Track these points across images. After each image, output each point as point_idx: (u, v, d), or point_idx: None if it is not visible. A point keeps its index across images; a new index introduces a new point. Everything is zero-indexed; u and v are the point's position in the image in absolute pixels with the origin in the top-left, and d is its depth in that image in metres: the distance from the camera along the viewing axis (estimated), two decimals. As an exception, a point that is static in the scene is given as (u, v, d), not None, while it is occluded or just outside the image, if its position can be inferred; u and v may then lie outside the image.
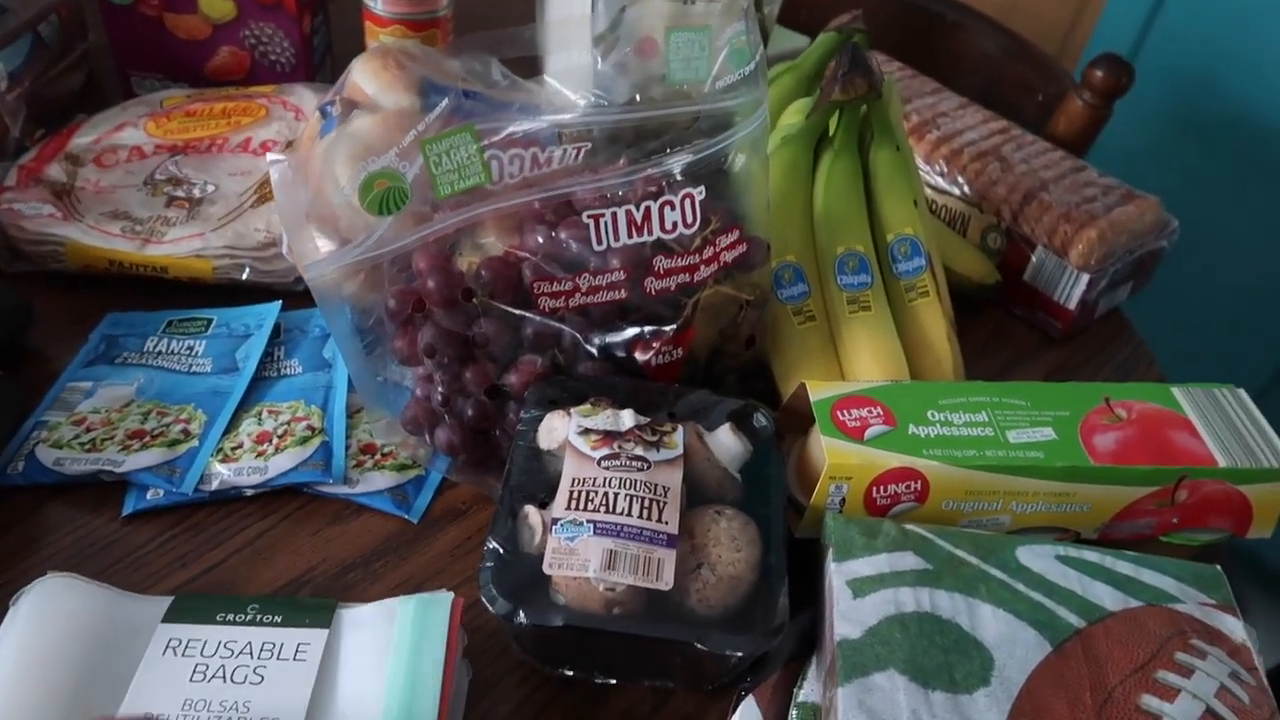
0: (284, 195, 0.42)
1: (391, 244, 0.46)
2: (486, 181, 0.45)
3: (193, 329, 0.58)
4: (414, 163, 0.44)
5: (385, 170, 0.43)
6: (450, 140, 0.43)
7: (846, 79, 0.54)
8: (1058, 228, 0.65)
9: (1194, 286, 1.33)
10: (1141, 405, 0.49)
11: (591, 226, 0.48)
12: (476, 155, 0.43)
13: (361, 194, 0.42)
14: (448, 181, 0.44)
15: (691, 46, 0.51)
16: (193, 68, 0.76)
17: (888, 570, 0.41)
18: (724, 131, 0.52)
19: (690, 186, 0.49)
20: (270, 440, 0.52)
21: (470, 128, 0.43)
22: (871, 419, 0.47)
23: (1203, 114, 1.26)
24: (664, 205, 0.48)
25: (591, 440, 0.45)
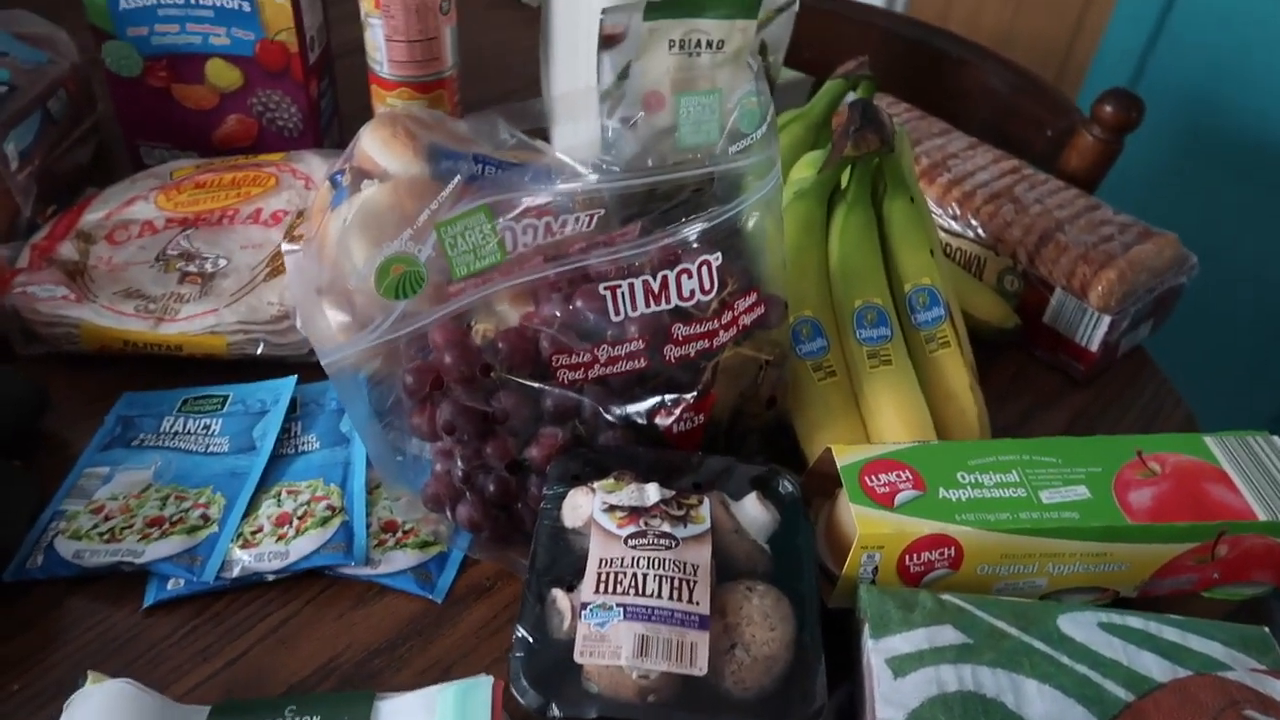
0: (299, 284, 0.42)
1: (410, 324, 0.45)
2: (502, 259, 0.44)
3: (208, 407, 0.57)
4: (428, 243, 0.43)
5: (400, 255, 0.42)
6: (465, 221, 0.42)
7: (858, 135, 0.54)
8: (1076, 269, 0.64)
9: (1211, 316, 1.32)
10: (1175, 458, 0.48)
11: (609, 298, 0.48)
12: (491, 234, 0.43)
13: (378, 280, 0.42)
14: (464, 263, 0.43)
15: (702, 110, 0.51)
16: (201, 137, 0.76)
17: (927, 646, 0.40)
18: (736, 192, 0.51)
19: (706, 253, 0.48)
20: (290, 522, 0.51)
21: (484, 208, 0.43)
22: (901, 484, 0.46)
23: (1209, 137, 1.26)
24: (681, 273, 0.48)
25: (617, 518, 0.44)
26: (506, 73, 1.00)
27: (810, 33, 1.00)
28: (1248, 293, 1.28)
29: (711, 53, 0.72)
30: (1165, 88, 1.29)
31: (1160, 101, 1.31)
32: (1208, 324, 1.32)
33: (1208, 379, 1.37)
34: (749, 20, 0.70)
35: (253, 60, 0.72)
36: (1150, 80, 1.31)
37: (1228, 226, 1.27)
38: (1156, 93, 1.30)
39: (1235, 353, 1.33)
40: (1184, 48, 1.26)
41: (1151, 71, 1.30)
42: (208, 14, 0.69)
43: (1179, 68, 1.27)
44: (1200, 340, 1.34)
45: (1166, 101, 1.30)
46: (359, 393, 0.46)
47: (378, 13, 0.69)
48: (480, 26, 1.09)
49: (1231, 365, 1.34)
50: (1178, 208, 1.30)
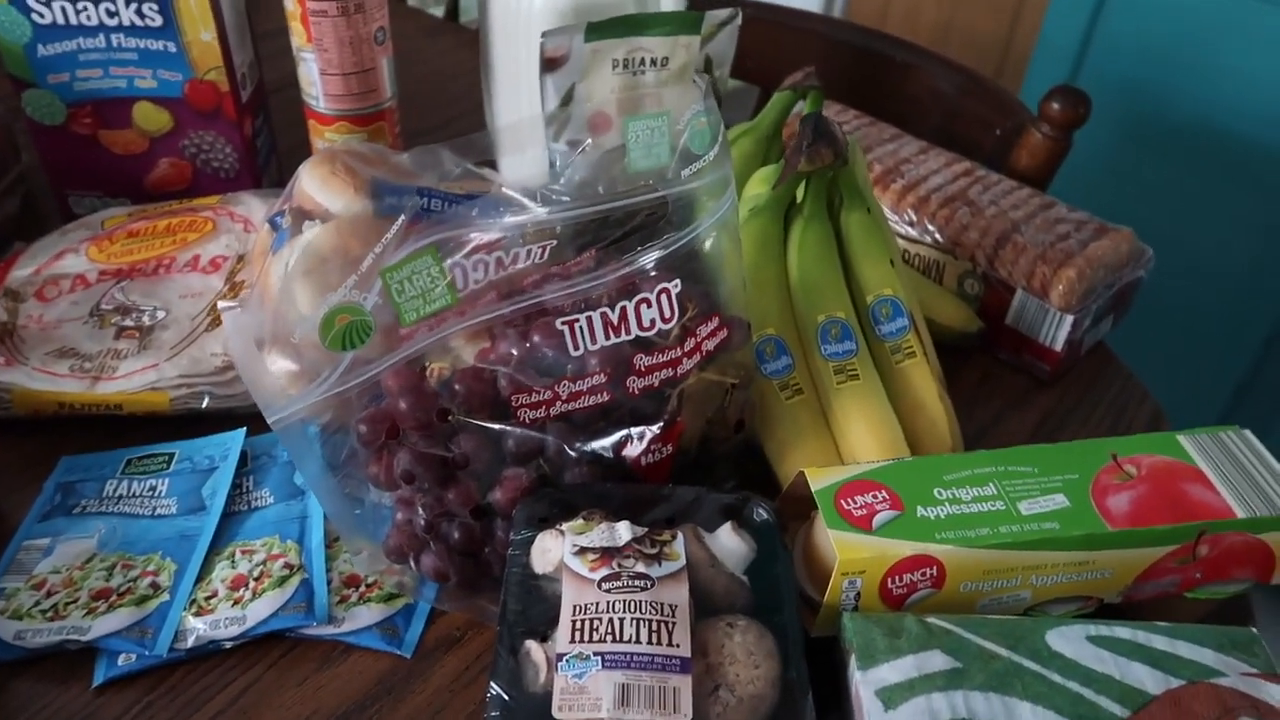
0: (238, 342, 0.40)
1: (361, 374, 0.43)
2: (453, 302, 0.43)
3: (154, 467, 0.55)
4: (374, 290, 0.42)
5: (344, 305, 0.40)
6: (411, 265, 0.40)
7: (811, 150, 0.53)
8: (1035, 269, 0.64)
9: (1169, 306, 1.34)
10: (1151, 459, 0.48)
11: (567, 332, 0.46)
12: (440, 275, 0.41)
13: (323, 333, 0.40)
14: (412, 308, 0.41)
15: (651, 134, 0.50)
16: (133, 183, 0.73)
17: (916, 674, 0.39)
18: (691, 214, 0.50)
19: (665, 280, 0.47)
20: (246, 584, 0.49)
21: (432, 249, 0.41)
22: (878, 505, 0.45)
23: (1152, 126, 1.28)
24: (640, 303, 0.46)
25: (589, 560, 0.43)
26: (449, 100, 0.98)
27: (752, 42, 1.00)
28: (1202, 280, 1.30)
29: (656, 70, 0.70)
30: (1105, 79, 1.31)
31: (1102, 93, 1.32)
32: (1166, 315, 1.34)
33: (1170, 369, 1.38)
34: (692, 36, 0.69)
35: (182, 101, 0.69)
36: (1089, 73, 1.33)
37: (1176, 215, 1.29)
38: (1097, 85, 1.32)
39: (1195, 341, 1.34)
40: (1121, 38, 1.27)
41: (1090, 64, 1.32)
42: (131, 57, 0.67)
43: (1117, 59, 1.29)
44: (1160, 331, 1.36)
45: (1108, 93, 1.31)
46: (309, 448, 0.44)
47: (310, 46, 0.67)
48: (418, 55, 1.07)
49: (1192, 354, 1.36)
50: (1126, 199, 1.32)
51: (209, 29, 0.66)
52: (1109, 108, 1.31)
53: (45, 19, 0.65)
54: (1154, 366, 1.39)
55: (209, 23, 0.66)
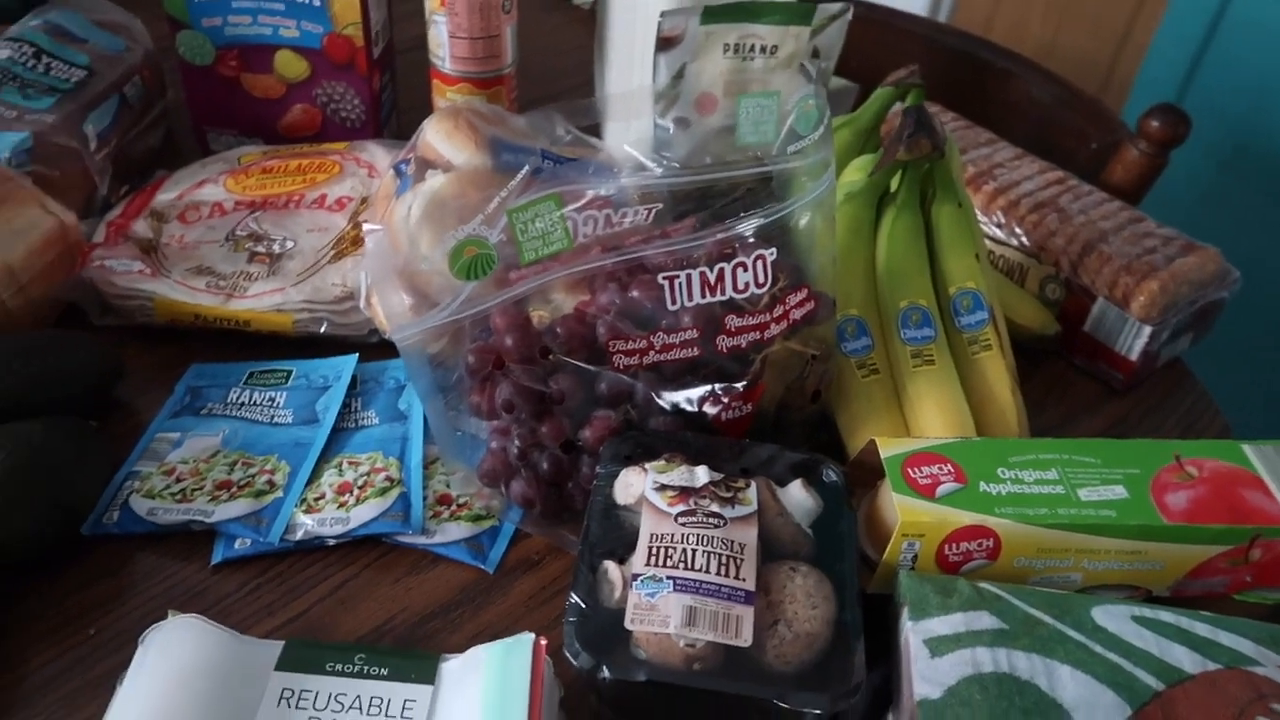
0: (376, 263, 0.44)
1: (475, 306, 0.47)
2: (569, 247, 0.46)
3: (274, 381, 0.60)
4: (497, 228, 0.46)
5: (472, 238, 0.44)
6: (535, 209, 0.44)
7: (912, 140, 0.56)
8: (1118, 279, 0.66)
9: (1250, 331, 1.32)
10: (1213, 463, 0.49)
11: (666, 287, 0.50)
12: (559, 222, 0.45)
13: (451, 261, 0.44)
14: (532, 248, 0.45)
15: (761, 111, 0.53)
16: (267, 125, 0.79)
17: (964, 630, 0.42)
18: (790, 191, 0.53)
19: (761, 248, 0.50)
20: (351, 491, 0.53)
21: (555, 196, 0.45)
22: (943, 476, 0.48)
23: (1252, 154, 1.26)
24: (737, 266, 0.50)
25: (668, 496, 0.46)
26: (558, 73, 1.03)
27: (856, 40, 1.02)
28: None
29: (765, 57, 0.73)
30: (1210, 104, 1.30)
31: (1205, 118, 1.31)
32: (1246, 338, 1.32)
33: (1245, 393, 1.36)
34: (803, 27, 0.72)
35: (320, 53, 0.75)
36: (1195, 96, 1.31)
37: (1265, 246, 1.27)
38: (1201, 109, 1.31)
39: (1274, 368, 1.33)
40: (1230, 65, 1.26)
41: (1197, 88, 1.31)
42: (279, 7, 0.72)
43: (1224, 85, 1.27)
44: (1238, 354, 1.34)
45: (1211, 118, 1.30)
46: (424, 368, 0.48)
47: (442, 10, 0.71)
48: (534, 28, 1.12)
49: (1270, 380, 1.34)
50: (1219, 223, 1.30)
51: (352, -14, 0.71)
52: (1208, 134, 1.30)
53: (207, -34, 0.71)
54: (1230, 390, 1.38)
55: (353, -20, 0.71)
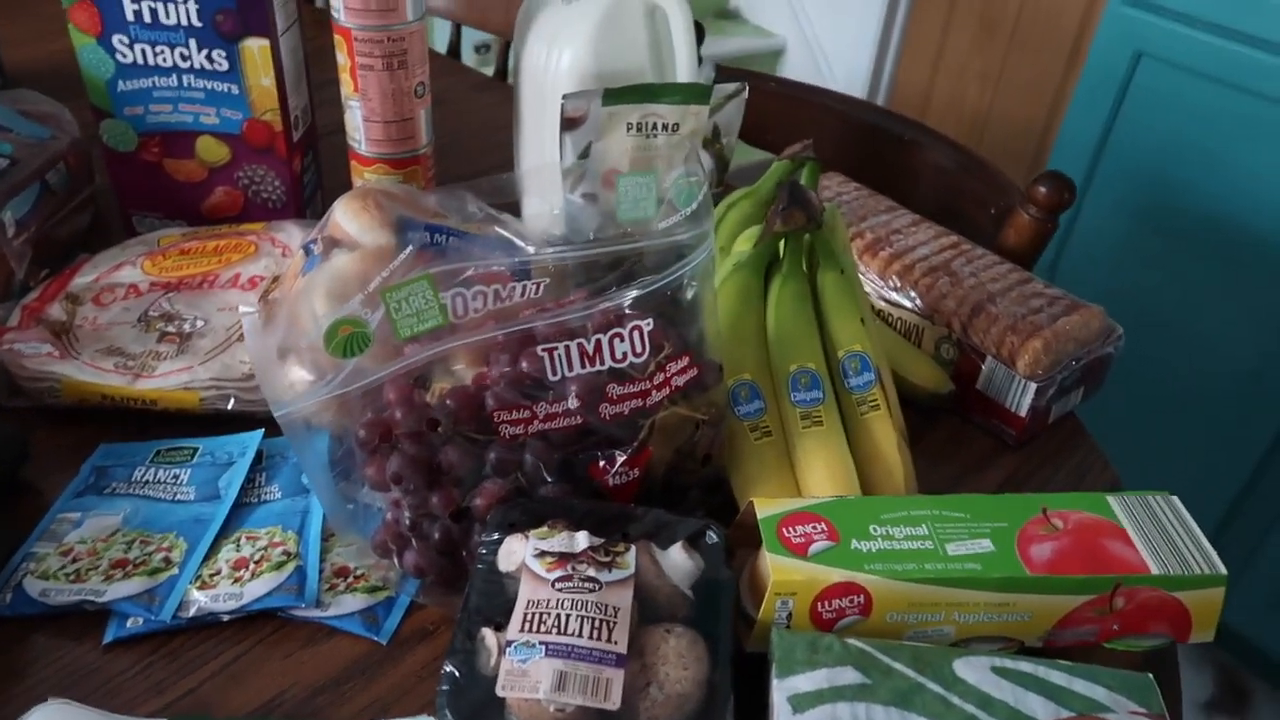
0: (254, 342, 0.46)
1: (363, 379, 0.49)
2: (444, 323, 0.48)
3: (179, 458, 0.61)
4: (379, 308, 0.48)
5: (348, 318, 0.46)
6: (408, 288, 0.46)
7: (786, 213, 0.58)
8: (1005, 338, 0.68)
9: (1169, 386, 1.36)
10: (1078, 515, 0.51)
11: (547, 359, 0.51)
12: (433, 299, 0.47)
13: (327, 340, 0.46)
14: (407, 325, 0.47)
15: (639, 189, 0.56)
16: (190, 207, 0.81)
17: (827, 685, 0.43)
18: (673, 264, 0.56)
19: (639, 319, 0.52)
20: (247, 566, 0.54)
21: (427, 276, 0.47)
22: (816, 535, 0.49)
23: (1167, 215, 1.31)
24: (614, 337, 0.52)
25: (547, 562, 0.47)
26: (489, 148, 1.06)
27: (777, 116, 1.07)
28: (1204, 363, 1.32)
29: (667, 134, 0.77)
30: (1124, 169, 1.35)
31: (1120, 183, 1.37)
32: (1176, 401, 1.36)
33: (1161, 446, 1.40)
34: (701, 105, 0.76)
35: (240, 138, 0.77)
36: (1109, 161, 1.37)
37: (1189, 306, 1.32)
38: (1116, 174, 1.37)
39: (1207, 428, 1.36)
40: (1140, 131, 1.32)
41: (1110, 153, 1.36)
42: (199, 95, 0.75)
43: (1136, 150, 1.33)
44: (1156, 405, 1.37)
45: (1125, 182, 1.35)
46: (311, 444, 0.49)
47: (356, 96, 0.74)
48: (468, 107, 1.15)
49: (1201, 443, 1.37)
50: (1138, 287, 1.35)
51: (268, 75, 0.74)
52: (1127, 196, 1.35)
53: (127, 59, 0.73)
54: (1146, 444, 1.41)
55: (269, 70, 0.74)
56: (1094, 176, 1.39)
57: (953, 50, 2.22)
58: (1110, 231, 1.38)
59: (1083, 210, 1.42)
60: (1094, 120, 1.36)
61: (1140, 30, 1.25)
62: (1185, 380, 1.33)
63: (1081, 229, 1.43)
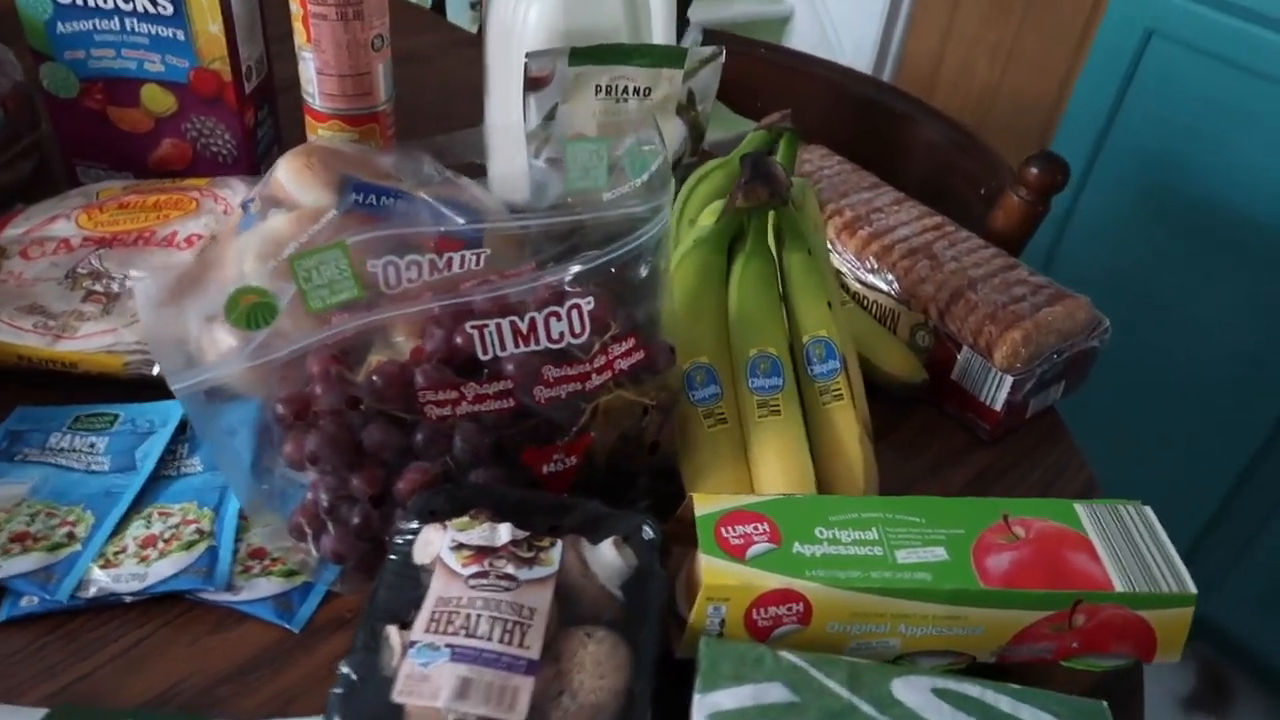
0: (147, 313, 0.42)
1: (272, 353, 0.45)
2: (360, 295, 0.45)
3: (98, 425, 0.58)
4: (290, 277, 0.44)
5: (250, 287, 0.43)
6: (319, 257, 0.43)
7: (748, 188, 0.54)
8: (983, 328, 0.64)
9: (1174, 376, 1.32)
10: (1041, 524, 0.48)
11: (477, 336, 0.48)
12: (348, 269, 0.43)
13: (228, 310, 0.42)
14: (319, 296, 0.43)
15: (590, 157, 0.52)
16: (137, 159, 0.77)
17: (750, 704, 0.40)
18: (624, 238, 0.52)
19: (579, 297, 0.48)
20: (156, 544, 0.51)
21: (341, 244, 0.43)
22: (756, 536, 0.46)
23: (1171, 196, 1.27)
24: (550, 315, 0.48)
25: (463, 556, 0.44)
26: (465, 107, 1.01)
27: (768, 84, 1.02)
28: (1202, 350, 1.28)
29: (639, 99, 0.73)
30: (1131, 148, 1.30)
31: (1125, 162, 1.32)
32: (1172, 390, 1.32)
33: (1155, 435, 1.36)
34: (675, 70, 0.71)
35: (186, 87, 0.73)
36: (1116, 140, 1.32)
37: (1188, 291, 1.27)
38: (1122, 153, 1.32)
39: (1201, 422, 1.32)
40: (1149, 110, 1.27)
41: (1117, 132, 1.31)
42: (142, 41, 0.71)
43: (1144, 129, 1.28)
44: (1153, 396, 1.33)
45: (1131, 162, 1.30)
46: (209, 416, 0.46)
47: (309, 46, 0.70)
48: (445, 64, 1.11)
49: (1195, 435, 1.33)
50: (1135, 261, 1.30)
51: (216, 21, 0.70)
52: (1131, 177, 1.31)
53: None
54: (1157, 438, 1.37)
55: (216, 15, 0.69)
56: (1098, 156, 1.34)
57: (964, 21, 2.16)
58: (1113, 213, 1.33)
59: (1085, 191, 1.37)
60: (1101, 98, 1.31)
61: (1152, 7, 1.20)
62: (1182, 367, 1.29)
63: (1084, 210, 1.38)
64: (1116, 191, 1.33)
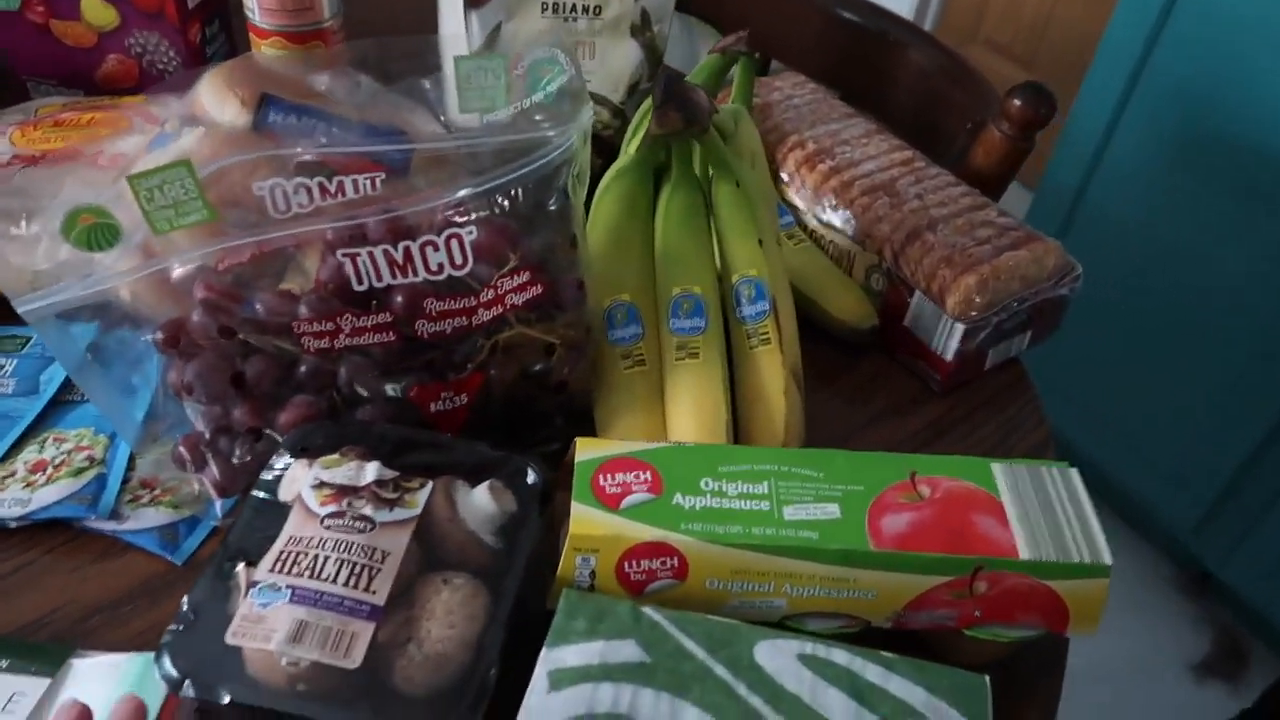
0: (-18, 228, 0.40)
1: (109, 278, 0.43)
2: (212, 218, 0.42)
3: (9, 347, 0.57)
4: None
5: (88, 206, 0.40)
6: (161, 175, 0.40)
7: (660, 114, 0.51)
8: (937, 271, 0.60)
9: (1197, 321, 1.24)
10: (950, 483, 0.44)
11: (349, 266, 0.45)
12: (194, 190, 0.41)
13: (65, 230, 0.40)
14: (164, 218, 0.41)
15: (483, 74, 0.48)
16: (84, 75, 0.75)
17: (596, 662, 0.37)
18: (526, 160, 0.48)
19: (458, 226, 0.45)
20: (45, 470, 0.50)
21: (186, 163, 0.40)
22: (635, 485, 0.43)
23: (1209, 135, 1.18)
24: (425, 245, 0.45)
25: (323, 495, 0.42)
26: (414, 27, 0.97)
27: (752, 9, 0.96)
28: (1230, 305, 1.20)
29: (589, 18, 0.68)
30: (1167, 83, 1.21)
31: (1159, 100, 1.23)
32: (1196, 336, 1.24)
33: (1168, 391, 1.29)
34: (626, -15, 0.67)
35: (127, 1, 0.70)
36: (1152, 74, 1.23)
37: (1214, 235, 1.19)
38: (1157, 88, 1.23)
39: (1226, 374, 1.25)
40: (1186, 43, 1.18)
41: (1154, 66, 1.22)
42: (77, -51, 0.68)
43: (1180, 63, 1.19)
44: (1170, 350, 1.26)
45: (1165, 100, 1.22)
46: (67, 343, 0.44)
47: (246, -44, 0.67)
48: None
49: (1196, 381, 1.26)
50: (1169, 212, 1.23)
51: (150, -71, 0.67)
52: (1167, 114, 1.22)
53: (-5, -96, 0.67)
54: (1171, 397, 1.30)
55: (150, -77, 0.67)
56: (1134, 91, 1.26)
57: (1012, -53, 2.04)
58: (1146, 155, 1.25)
59: (1118, 129, 1.29)
60: (1139, 26, 1.22)
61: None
62: (1207, 321, 1.22)
63: (1115, 150, 1.30)
64: (1150, 130, 1.24)
